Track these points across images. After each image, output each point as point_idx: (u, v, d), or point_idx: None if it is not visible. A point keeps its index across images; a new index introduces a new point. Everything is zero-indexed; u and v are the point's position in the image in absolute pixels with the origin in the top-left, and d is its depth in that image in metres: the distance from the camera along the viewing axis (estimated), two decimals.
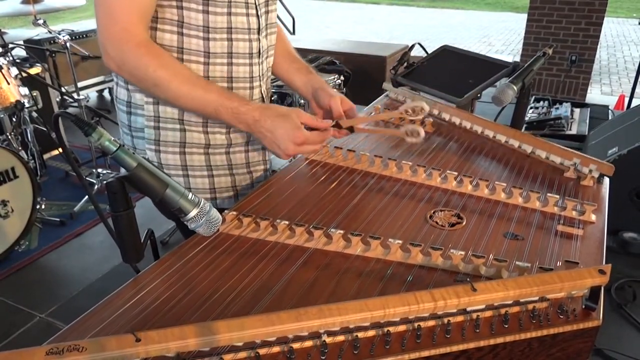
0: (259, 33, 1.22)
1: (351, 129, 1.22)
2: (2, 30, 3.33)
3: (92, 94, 5.29)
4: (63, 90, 3.94)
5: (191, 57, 1.14)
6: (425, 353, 0.74)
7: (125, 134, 1.27)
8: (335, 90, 1.32)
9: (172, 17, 1.11)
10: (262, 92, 1.30)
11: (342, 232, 0.99)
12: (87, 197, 3.25)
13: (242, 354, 0.73)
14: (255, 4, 1.19)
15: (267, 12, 1.25)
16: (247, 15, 1.18)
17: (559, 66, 5.33)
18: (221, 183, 1.28)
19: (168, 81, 1.07)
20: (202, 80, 1.12)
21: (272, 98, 3.00)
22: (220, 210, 0.96)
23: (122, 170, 0.84)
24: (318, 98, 1.31)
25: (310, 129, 1.12)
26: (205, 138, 1.22)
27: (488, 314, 0.80)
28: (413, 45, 2.00)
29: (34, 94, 3.14)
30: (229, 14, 1.14)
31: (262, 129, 1.10)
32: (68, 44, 3.43)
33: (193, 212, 0.85)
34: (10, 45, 3.20)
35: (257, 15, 1.21)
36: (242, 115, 1.10)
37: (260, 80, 1.28)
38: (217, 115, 1.11)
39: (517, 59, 5.88)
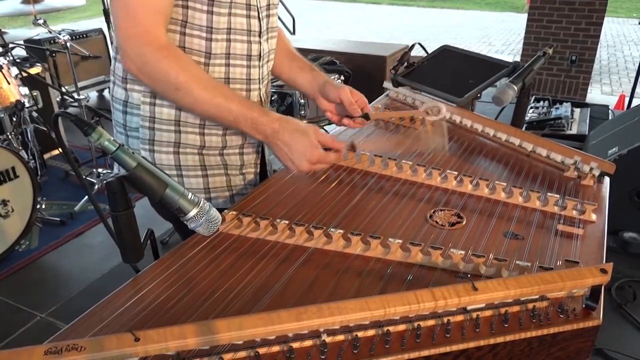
0: (260, 36, 1.22)
1: (366, 116, 1.32)
2: (2, 30, 3.33)
3: (92, 93, 5.28)
4: (63, 90, 3.94)
5: (192, 57, 1.13)
6: (425, 352, 0.74)
7: (120, 133, 1.26)
8: (340, 82, 1.33)
9: (176, 16, 1.10)
10: (261, 95, 1.30)
11: (342, 231, 0.99)
12: (87, 196, 3.25)
13: (242, 353, 0.73)
14: (257, 6, 1.19)
15: (268, 16, 1.24)
16: (248, 17, 1.17)
17: (559, 66, 5.32)
18: (216, 183, 1.27)
19: (190, 87, 1.06)
20: (224, 87, 1.13)
21: (272, 98, 2.98)
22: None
23: (116, 169, 0.84)
24: (326, 93, 1.34)
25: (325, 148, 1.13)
26: (201, 139, 1.21)
27: (488, 313, 0.80)
28: (413, 45, 1.99)
29: (34, 93, 3.13)
30: (230, 14, 1.14)
31: (279, 141, 1.11)
32: (68, 44, 3.44)
33: (193, 212, 0.85)
34: (11, 45, 3.19)
35: (259, 18, 1.20)
36: (261, 126, 1.10)
37: (259, 84, 1.27)
38: (236, 124, 1.11)
39: (517, 59, 5.87)
